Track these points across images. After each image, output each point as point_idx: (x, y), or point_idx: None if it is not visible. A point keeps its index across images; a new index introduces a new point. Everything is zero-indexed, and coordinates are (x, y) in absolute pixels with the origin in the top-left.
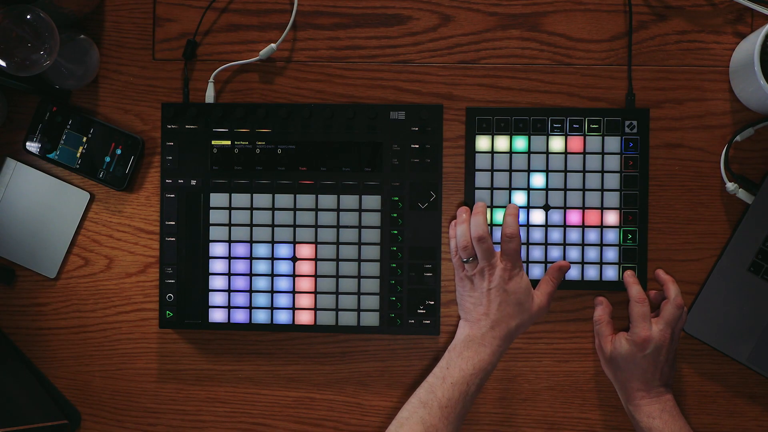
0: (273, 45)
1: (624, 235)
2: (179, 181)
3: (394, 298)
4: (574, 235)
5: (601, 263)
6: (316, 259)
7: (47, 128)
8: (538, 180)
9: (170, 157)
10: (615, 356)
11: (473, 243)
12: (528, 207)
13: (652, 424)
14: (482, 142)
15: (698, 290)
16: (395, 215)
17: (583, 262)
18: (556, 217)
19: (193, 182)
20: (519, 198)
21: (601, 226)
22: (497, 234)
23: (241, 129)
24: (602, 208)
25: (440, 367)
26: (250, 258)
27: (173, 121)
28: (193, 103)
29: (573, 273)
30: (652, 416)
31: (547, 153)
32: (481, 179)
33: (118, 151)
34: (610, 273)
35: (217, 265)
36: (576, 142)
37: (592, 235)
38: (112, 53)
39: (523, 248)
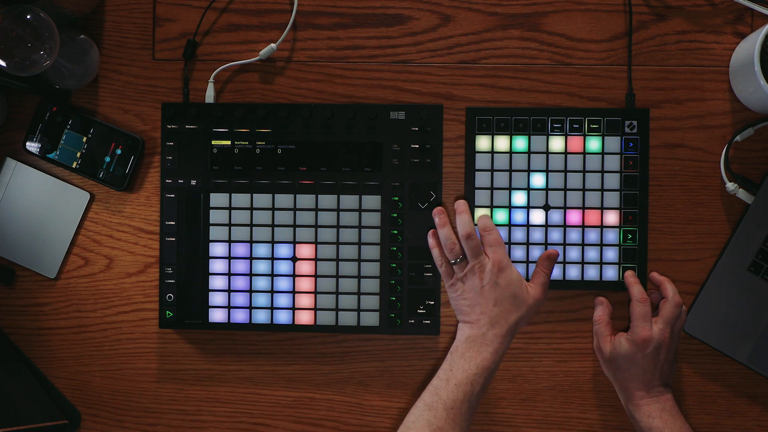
0: (273, 45)
1: (624, 235)
2: (179, 181)
3: (394, 298)
4: (574, 235)
5: (601, 263)
6: (316, 259)
7: (47, 128)
8: (538, 180)
9: (170, 157)
10: (615, 356)
11: (461, 242)
12: (528, 207)
13: (651, 423)
14: (482, 142)
15: (698, 290)
16: (395, 215)
17: (583, 262)
18: (556, 217)
19: (193, 182)
20: (519, 198)
21: (601, 226)
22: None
23: (241, 129)
24: (602, 208)
25: (443, 369)
26: (250, 258)
27: (173, 121)
28: (193, 103)
29: (573, 273)
30: (652, 416)
31: (547, 153)
32: (481, 179)
33: (118, 151)
34: (610, 273)
35: (217, 265)
36: (576, 142)
37: (592, 235)
38: (112, 53)
39: (523, 248)
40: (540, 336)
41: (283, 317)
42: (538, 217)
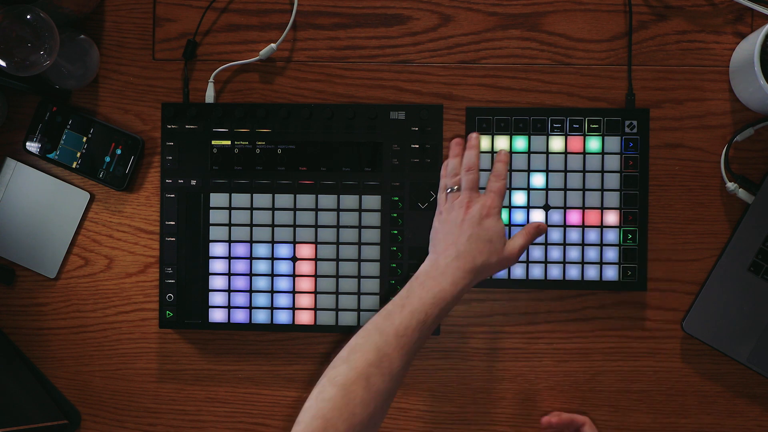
0: (273, 45)
1: (624, 235)
2: (179, 181)
3: None
4: (574, 235)
5: (601, 263)
6: (316, 259)
7: (47, 128)
8: (538, 180)
9: (170, 157)
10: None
11: (461, 173)
12: (528, 207)
13: None
14: (482, 142)
15: (698, 290)
16: (395, 215)
17: (583, 262)
18: (556, 217)
19: (193, 182)
20: (519, 198)
21: (601, 226)
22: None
23: (241, 129)
24: (602, 208)
25: (400, 296)
26: (250, 258)
27: (173, 121)
28: (193, 103)
29: (573, 273)
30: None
31: (547, 153)
32: (481, 179)
33: (118, 151)
34: (610, 273)
35: (217, 265)
36: (576, 142)
37: (592, 235)
38: (112, 53)
39: None
40: (540, 336)
41: (283, 317)
42: (538, 217)
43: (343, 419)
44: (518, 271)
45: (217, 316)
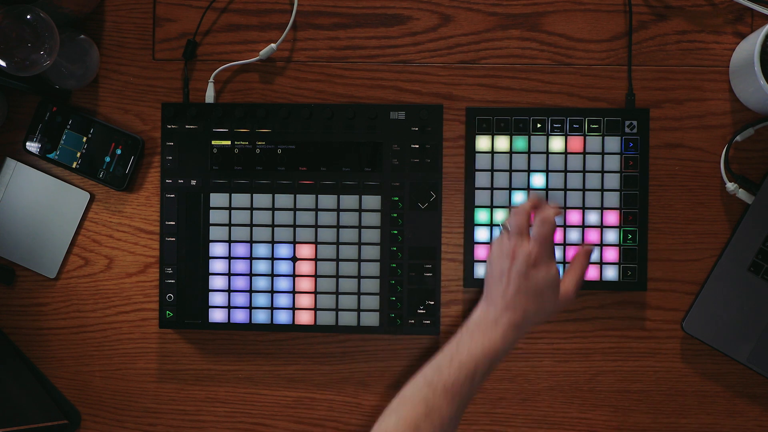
0: (273, 45)
1: (624, 235)
2: (179, 181)
3: (394, 298)
4: (574, 235)
5: (601, 263)
6: (316, 259)
7: (47, 128)
8: (538, 180)
9: (170, 157)
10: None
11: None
12: None
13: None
14: (482, 142)
15: (698, 290)
16: (395, 215)
17: None
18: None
19: (193, 182)
20: (519, 198)
21: (601, 226)
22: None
23: (241, 129)
24: (602, 208)
25: (449, 346)
26: (250, 258)
27: (173, 121)
28: (193, 103)
29: None
30: None
31: (547, 153)
32: (481, 179)
33: (118, 151)
34: (610, 273)
35: (217, 265)
36: (576, 142)
37: (592, 235)
38: (112, 53)
39: None
40: (540, 336)
41: (283, 317)
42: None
43: None
44: None
45: (217, 316)
